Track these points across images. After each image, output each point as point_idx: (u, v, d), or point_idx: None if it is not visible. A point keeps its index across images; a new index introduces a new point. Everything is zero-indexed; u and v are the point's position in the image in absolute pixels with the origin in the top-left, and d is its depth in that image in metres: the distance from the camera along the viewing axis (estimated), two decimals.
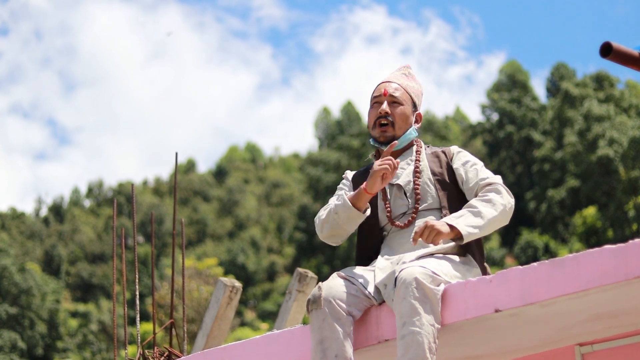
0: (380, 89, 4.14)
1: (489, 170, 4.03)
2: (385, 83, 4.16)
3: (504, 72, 58.27)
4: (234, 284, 6.20)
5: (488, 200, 3.83)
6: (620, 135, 41.22)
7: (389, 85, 4.13)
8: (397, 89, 4.12)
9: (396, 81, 4.16)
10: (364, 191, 3.88)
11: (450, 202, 3.97)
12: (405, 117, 4.10)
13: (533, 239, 45.17)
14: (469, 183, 3.97)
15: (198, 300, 26.21)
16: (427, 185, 4.00)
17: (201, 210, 65.98)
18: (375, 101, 4.13)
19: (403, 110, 4.10)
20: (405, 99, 4.12)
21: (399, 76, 4.20)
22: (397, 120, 4.07)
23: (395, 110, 4.09)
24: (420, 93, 4.21)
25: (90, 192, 74.46)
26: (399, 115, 4.08)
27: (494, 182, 3.92)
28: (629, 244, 3.20)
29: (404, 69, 4.25)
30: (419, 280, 3.54)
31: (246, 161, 79.13)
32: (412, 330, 3.49)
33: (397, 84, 4.14)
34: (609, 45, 3.23)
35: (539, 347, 3.91)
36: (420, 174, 4.02)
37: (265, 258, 61.49)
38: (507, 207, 3.85)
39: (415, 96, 4.16)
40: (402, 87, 4.14)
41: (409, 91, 4.15)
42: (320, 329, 3.70)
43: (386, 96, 4.10)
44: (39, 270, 51.44)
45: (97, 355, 48.11)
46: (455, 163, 4.05)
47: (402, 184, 4.02)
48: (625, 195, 40.52)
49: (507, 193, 3.90)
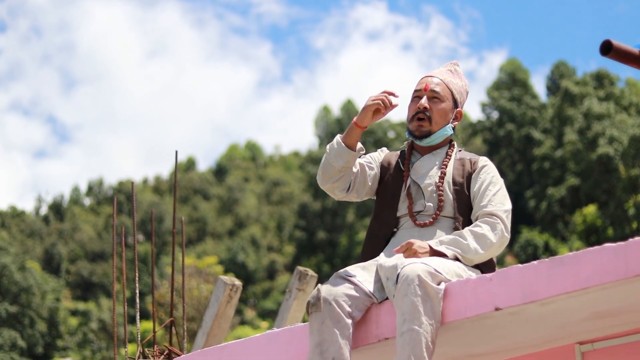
0: (422, 83, 4.11)
1: (504, 195, 3.97)
2: (428, 77, 4.12)
3: (504, 71, 58.24)
4: (234, 283, 6.20)
5: (480, 236, 3.81)
6: (620, 133, 41.22)
7: (430, 80, 4.10)
8: (439, 84, 4.09)
9: (439, 76, 4.12)
10: (354, 124, 3.91)
11: (465, 213, 3.96)
12: (444, 114, 4.06)
13: (533, 238, 45.16)
14: (476, 204, 3.95)
15: (198, 298, 26.21)
16: (447, 193, 3.98)
17: (201, 208, 65.98)
18: (416, 95, 4.10)
19: (442, 107, 4.06)
20: (446, 95, 4.08)
21: (443, 72, 4.16)
22: (434, 115, 4.04)
23: (434, 106, 4.05)
24: (464, 91, 4.17)
25: (90, 190, 74.46)
26: (437, 111, 4.05)
27: (496, 215, 3.88)
28: (629, 242, 3.20)
29: (450, 65, 4.22)
30: (421, 278, 3.54)
31: (246, 159, 79.11)
32: (412, 328, 3.49)
33: (439, 79, 4.10)
34: (609, 43, 3.23)
35: (539, 346, 3.91)
36: (444, 179, 4.00)
37: (265, 256, 61.50)
38: (494, 245, 3.82)
39: (457, 93, 4.12)
40: (445, 82, 4.10)
41: (451, 87, 4.10)
42: (319, 332, 3.70)
43: (427, 91, 4.06)
44: (39, 269, 51.43)
45: (97, 353, 48.11)
46: (475, 177, 4.01)
47: (425, 185, 4.01)
48: (625, 194, 40.51)
49: (503, 230, 3.86)
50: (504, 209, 3.92)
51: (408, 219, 3.99)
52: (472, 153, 4.13)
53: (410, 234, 3.94)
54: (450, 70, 4.18)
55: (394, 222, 4.02)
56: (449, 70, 4.18)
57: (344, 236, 56.56)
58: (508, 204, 3.96)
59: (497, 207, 3.90)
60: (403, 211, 4.01)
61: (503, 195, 3.96)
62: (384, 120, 59.61)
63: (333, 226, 57.61)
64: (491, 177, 3.99)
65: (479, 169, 4.02)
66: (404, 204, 4.02)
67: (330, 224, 57.53)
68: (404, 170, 4.08)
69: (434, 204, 3.97)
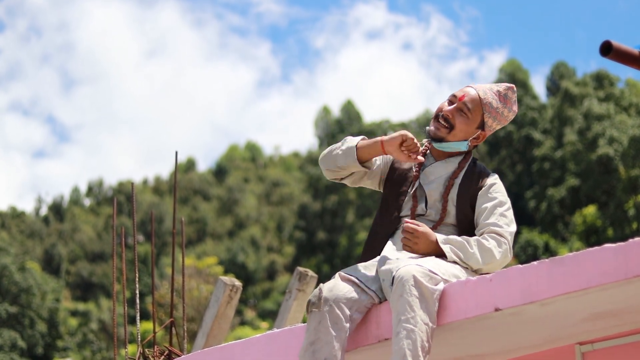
0: (462, 91, 4.03)
1: (511, 217, 3.93)
2: (469, 88, 4.04)
3: (504, 71, 58.25)
4: (234, 283, 6.20)
5: (485, 249, 3.80)
6: (620, 134, 41.24)
7: (468, 92, 4.02)
8: (474, 100, 3.99)
9: (480, 93, 4.01)
10: (381, 146, 3.91)
11: (464, 227, 3.94)
12: (463, 130, 3.98)
13: (533, 238, 45.15)
14: (481, 220, 3.91)
15: (198, 299, 26.22)
16: (451, 204, 3.96)
17: (201, 209, 65.99)
18: (451, 99, 4.04)
19: (466, 122, 3.98)
20: (476, 113, 3.99)
21: (489, 90, 4.05)
22: (455, 128, 3.99)
23: (458, 119, 3.99)
24: (501, 118, 4.04)
25: (90, 191, 74.48)
26: (459, 124, 3.98)
27: (503, 236, 3.85)
28: (629, 242, 3.20)
29: (505, 88, 4.08)
30: (416, 279, 3.54)
31: (246, 160, 79.12)
32: (406, 327, 3.50)
33: (477, 95, 4.01)
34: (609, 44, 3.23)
35: (539, 346, 3.91)
36: (450, 190, 3.98)
37: (265, 257, 61.51)
38: (496, 262, 3.81)
39: (489, 117, 4.01)
40: (482, 101, 4.00)
41: (485, 108, 4.00)
42: (315, 331, 3.70)
43: (460, 101, 4.00)
44: (39, 269, 51.43)
45: (97, 354, 48.11)
46: (482, 194, 3.96)
47: (431, 192, 3.99)
48: (625, 194, 40.52)
49: (508, 250, 3.84)
50: (510, 231, 3.89)
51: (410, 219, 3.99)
52: (483, 166, 4.08)
53: None
54: (499, 91, 4.06)
55: (396, 221, 4.02)
56: (497, 91, 4.06)
57: (344, 237, 56.55)
58: (513, 226, 3.92)
59: (505, 229, 3.88)
60: (406, 212, 4.01)
61: (510, 216, 3.93)
62: (383, 121, 59.68)
63: (333, 227, 57.61)
64: (500, 196, 3.95)
65: (487, 186, 3.97)
66: (407, 205, 4.01)
67: (330, 224, 57.54)
68: (415, 171, 4.06)
69: (436, 212, 3.95)
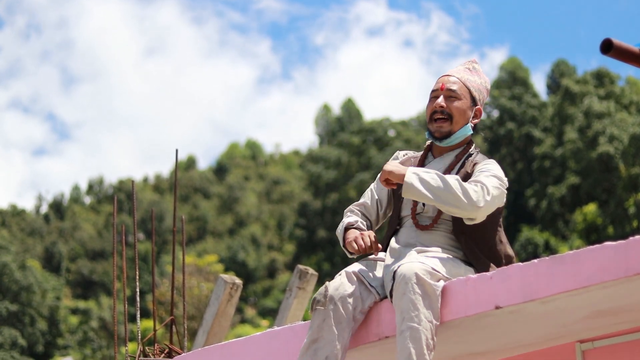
0: (438, 82, 4.07)
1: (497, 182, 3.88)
2: (444, 77, 4.08)
3: (505, 69, 58.25)
4: (235, 281, 6.20)
5: (461, 185, 3.74)
6: (620, 132, 41.21)
7: (447, 79, 4.06)
8: (455, 82, 4.05)
9: (456, 75, 4.08)
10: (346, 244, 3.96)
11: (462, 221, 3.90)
12: (462, 112, 4.02)
13: (533, 236, 45.15)
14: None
15: (198, 297, 26.22)
16: None
17: (201, 207, 65.99)
18: (433, 95, 4.06)
19: (459, 105, 4.01)
20: (463, 93, 4.04)
21: (460, 70, 4.12)
22: (454, 114, 4.00)
23: (452, 105, 4.01)
24: (483, 88, 4.12)
25: (90, 189, 74.46)
26: (455, 109, 4.01)
27: (481, 182, 3.81)
28: (629, 240, 3.20)
29: (468, 63, 4.18)
30: (419, 276, 3.54)
31: (246, 158, 79.11)
32: (411, 326, 3.50)
33: (455, 78, 4.06)
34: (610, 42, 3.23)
35: (540, 344, 3.91)
36: None
37: (265, 255, 61.51)
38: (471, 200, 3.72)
39: (475, 91, 4.07)
40: (461, 80, 4.06)
41: (468, 85, 4.06)
42: (318, 328, 3.70)
43: (443, 90, 4.03)
44: (39, 267, 51.42)
45: (97, 352, 48.12)
46: (475, 170, 3.96)
47: None
48: (625, 192, 40.49)
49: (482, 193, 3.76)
50: (493, 185, 3.82)
51: (409, 219, 3.99)
52: (483, 156, 4.06)
53: (408, 234, 3.95)
54: (468, 68, 4.14)
55: (396, 221, 4.03)
56: (466, 69, 4.14)
57: None
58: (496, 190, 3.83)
59: (485, 180, 3.82)
60: (406, 212, 4.02)
61: (495, 180, 3.87)
62: (384, 119, 59.65)
63: (333, 225, 57.54)
64: (488, 168, 3.93)
65: (478, 168, 3.95)
66: (407, 205, 4.02)
67: (331, 222, 57.51)
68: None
69: (433, 208, 3.94)
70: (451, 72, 4.10)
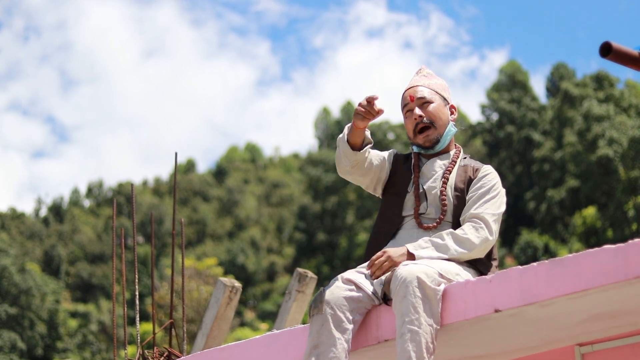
0: (405, 97, 4.14)
1: (499, 202, 3.95)
2: (409, 90, 4.14)
3: (504, 72, 58.28)
4: (234, 284, 6.20)
5: (461, 241, 3.81)
6: (620, 135, 41.22)
7: (412, 91, 4.12)
8: (421, 90, 4.12)
9: (417, 84, 4.15)
10: (353, 125, 3.93)
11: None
12: (440, 113, 4.09)
13: (533, 239, 45.16)
14: (467, 207, 3.95)
15: (198, 300, 26.22)
16: (449, 198, 3.99)
17: (201, 210, 65.97)
18: (407, 110, 4.12)
19: (435, 107, 4.09)
20: (433, 95, 4.11)
21: (418, 79, 4.19)
22: (434, 118, 4.07)
23: (428, 110, 4.08)
24: (445, 87, 4.20)
25: (90, 192, 74.45)
26: (433, 113, 4.07)
27: (481, 218, 3.87)
28: (629, 244, 3.20)
29: (419, 71, 4.25)
30: (420, 279, 3.54)
31: (246, 161, 79.12)
32: (411, 329, 3.50)
33: (419, 86, 4.13)
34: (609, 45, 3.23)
35: (539, 347, 3.91)
36: (447, 184, 4.01)
37: (265, 258, 61.50)
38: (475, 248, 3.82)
39: (441, 90, 4.15)
40: (426, 86, 4.13)
41: (434, 88, 4.14)
42: (318, 334, 3.70)
43: (414, 101, 4.09)
44: (38, 271, 51.41)
45: (96, 355, 48.10)
46: (474, 183, 4.00)
47: (429, 189, 4.01)
48: (624, 195, 40.50)
49: (486, 233, 3.84)
50: (492, 212, 3.90)
51: (412, 219, 4.00)
52: (477, 161, 4.13)
53: (410, 235, 3.95)
54: (423, 75, 4.21)
55: (398, 220, 4.03)
56: (423, 76, 4.21)
57: (344, 238, 56.55)
58: (500, 209, 3.94)
59: (484, 211, 3.90)
60: (408, 211, 4.02)
61: (498, 202, 3.95)
62: (383, 122, 59.62)
63: (333, 228, 57.60)
64: (490, 185, 3.99)
65: (480, 176, 4.02)
66: (409, 204, 4.03)
67: (330, 225, 57.52)
68: (413, 171, 4.09)
69: (436, 208, 3.98)
70: (411, 84, 4.18)
